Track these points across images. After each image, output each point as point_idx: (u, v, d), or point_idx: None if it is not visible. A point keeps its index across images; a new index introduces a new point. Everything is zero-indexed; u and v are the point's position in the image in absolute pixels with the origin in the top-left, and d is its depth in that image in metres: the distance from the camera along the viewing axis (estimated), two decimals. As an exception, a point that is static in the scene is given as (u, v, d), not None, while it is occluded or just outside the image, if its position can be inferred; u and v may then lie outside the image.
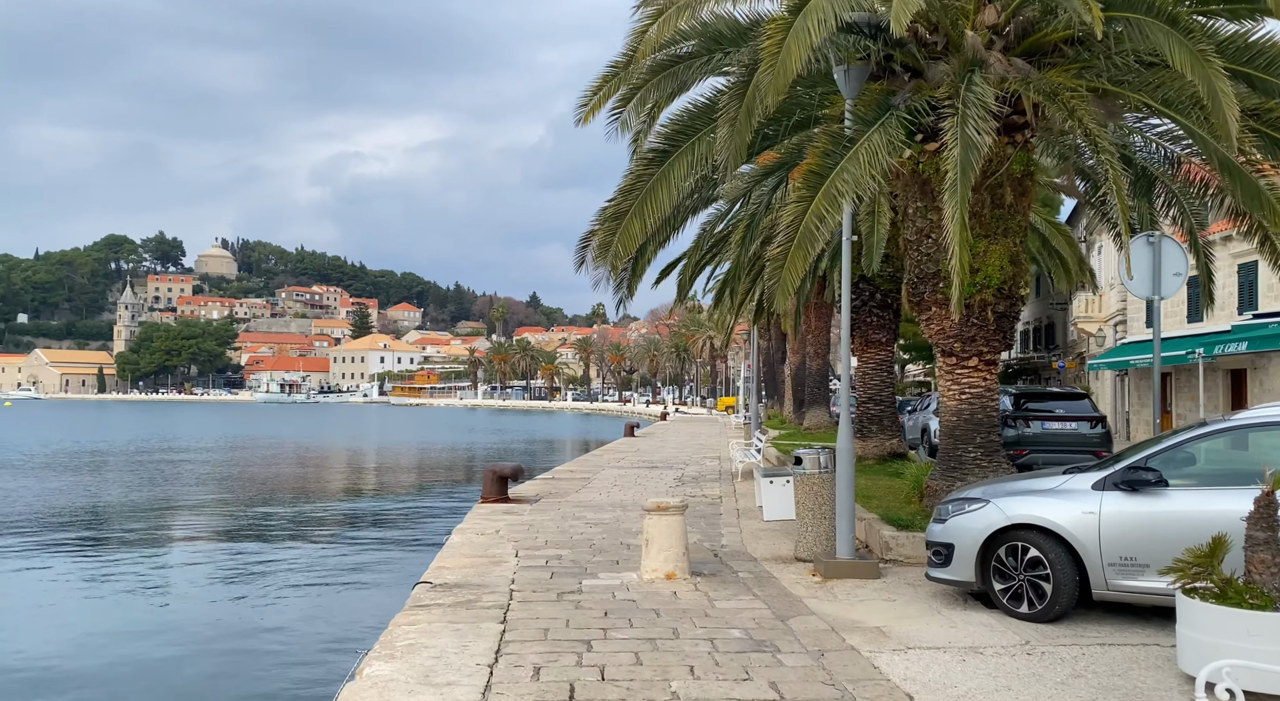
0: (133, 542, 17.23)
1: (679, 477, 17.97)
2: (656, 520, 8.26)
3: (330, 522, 19.62)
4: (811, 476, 9.02)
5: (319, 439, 54.74)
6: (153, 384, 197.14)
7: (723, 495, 14.90)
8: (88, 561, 15.08)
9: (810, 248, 7.65)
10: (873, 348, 16.50)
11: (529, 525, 11.36)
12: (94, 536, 17.91)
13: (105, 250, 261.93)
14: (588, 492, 15.14)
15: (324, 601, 12.25)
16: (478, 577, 8.25)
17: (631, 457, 23.58)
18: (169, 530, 19.04)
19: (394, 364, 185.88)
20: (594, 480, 17.29)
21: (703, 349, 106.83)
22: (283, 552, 15.78)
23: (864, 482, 13.13)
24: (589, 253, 9.60)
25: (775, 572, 8.61)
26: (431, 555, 9.80)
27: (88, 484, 26.90)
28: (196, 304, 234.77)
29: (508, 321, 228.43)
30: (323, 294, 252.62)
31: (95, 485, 26.60)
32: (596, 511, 12.72)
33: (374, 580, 13.46)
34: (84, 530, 18.51)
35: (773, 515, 11.77)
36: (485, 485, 13.72)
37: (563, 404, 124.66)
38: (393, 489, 27.03)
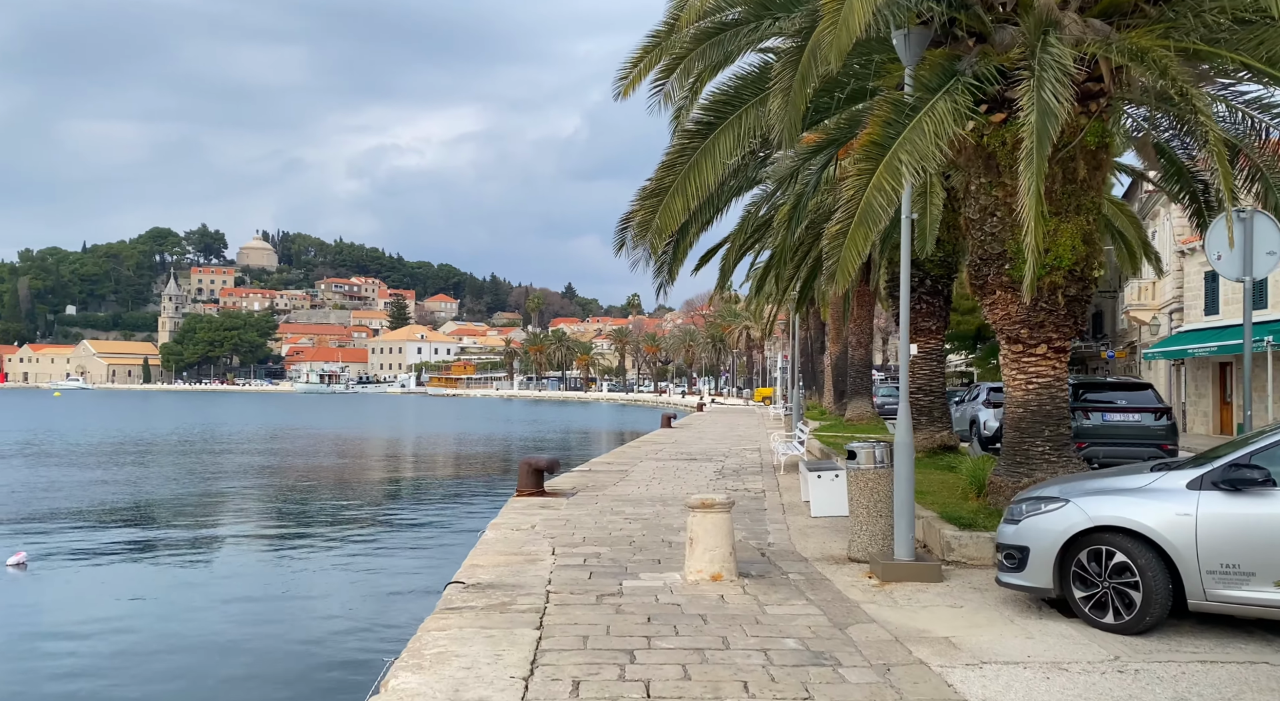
0: (170, 536, 17.13)
1: (719, 470, 17.44)
2: (701, 518, 7.75)
3: (362, 517, 19.24)
4: (866, 472, 8.45)
5: (357, 429, 54.96)
6: (196, 374, 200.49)
7: (766, 489, 14.35)
8: (124, 553, 14.95)
9: (871, 224, 7.07)
10: (922, 336, 15.81)
11: (566, 520, 10.91)
12: (132, 529, 17.83)
13: (150, 243, 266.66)
14: (626, 486, 14.67)
15: (353, 601, 11.75)
16: (512, 577, 7.81)
17: (670, 449, 23.09)
18: (204, 523, 18.92)
19: (431, 355, 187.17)
20: (632, 473, 16.82)
21: (739, 339, 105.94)
22: (313, 548, 15.49)
23: (916, 477, 12.50)
24: (629, 233, 9.08)
25: (828, 574, 8.06)
26: (465, 551, 9.39)
27: (133, 476, 27.02)
28: (238, 295, 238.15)
29: (543, 312, 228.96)
30: (361, 285, 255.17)
31: (140, 477, 26.72)
32: (635, 506, 12.24)
33: (405, 578, 12.99)
34: (121, 523, 18.45)
35: (821, 511, 11.22)
36: (520, 478, 13.31)
37: (598, 394, 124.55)
38: (427, 481, 26.72)
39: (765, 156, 10.12)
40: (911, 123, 7.03)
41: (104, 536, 16.24)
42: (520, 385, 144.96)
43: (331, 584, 12.95)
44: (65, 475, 26.02)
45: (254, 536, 17.20)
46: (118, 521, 18.23)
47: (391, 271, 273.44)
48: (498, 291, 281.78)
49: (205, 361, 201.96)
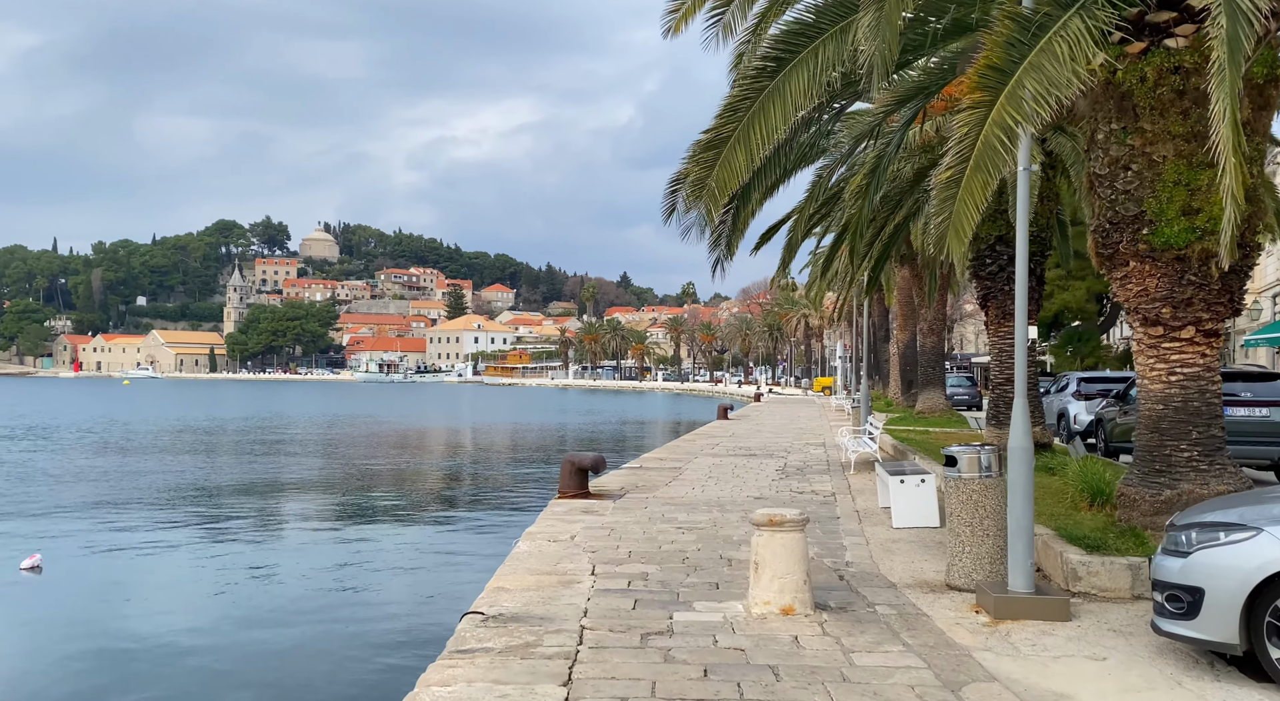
0: (201, 525, 16.31)
1: (781, 468, 15.99)
2: (769, 538, 6.37)
3: (394, 517, 17.80)
4: (969, 481, 6.96)
5: (410, 419, 54.57)
6: (260, 363, 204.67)
7: (836, 492, 12.86)
8: (161, 536, 14.12)
9: (991, 170, 5.59)
10: (1010, 321, 14.11)
11: (610, 529, 9.61)
12: (182, 513, 17.07)
13: (216, 235, 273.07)
14: (679, 486, 13.32)
15: (357, 635, 9.70)
16: (542, 606, 6.52)
17: (726, 443, 21.67)
18: (237, 514, 18.07)
19: (487, 344, 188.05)
20: (685, 471, 15.47)
21: (796, 327, 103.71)
22: (328, 557, 14.19)
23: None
24: (680, 196, 7.69)
25: (924, 606, 6.61)
26: (495, 566, 8.16)
27: (194, 463, 26.57)
28: (300, 286, 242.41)
29: (598, 301, 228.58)
30: (419, 276, 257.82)
31: (199, 463, 26.24)
32: (689, 511, 10.88)
33: (421, 600, 11.20)
34: (176, 507, 17.71)
35: (904, 521, 9.73)
36: (563, 478, 12.05)
37: (653, 384, 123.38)
38: (470, 476, 25.48)
39: (841, 109, 8.64)
40: (1040, 43, 5.53)
41: (156, 517, 15.50)
42: (575, 374, 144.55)
43: (334, 608, 10.85)
44: (120, 463, 25.66)
45: (266, 535, 16.24)
46: (168, 507, 17.51)
47: (449, 262, 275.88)
48: (553, 281, 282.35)
49: (269, 351, 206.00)
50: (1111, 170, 7.24)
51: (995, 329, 14.34)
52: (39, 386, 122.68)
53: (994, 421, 14.39)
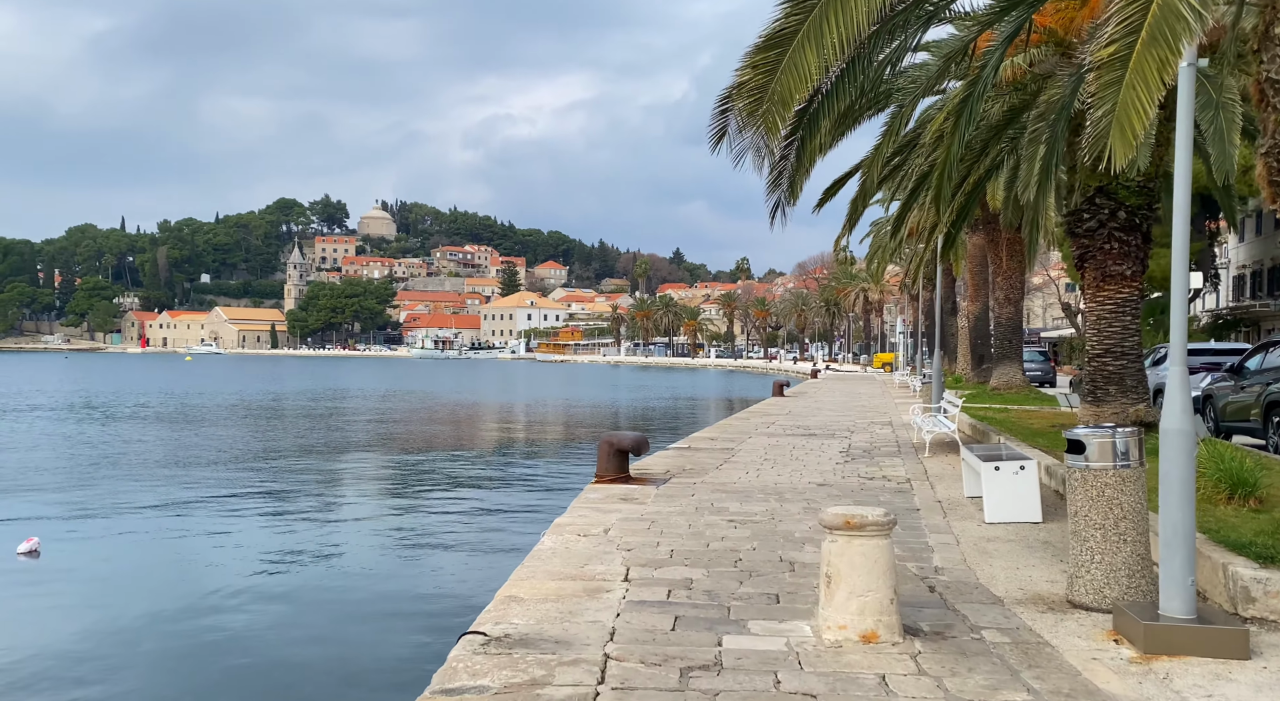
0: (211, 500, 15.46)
1: (845, 450, 14.50)
2: (845, 544, 4.98)
3: (418, 505, 15.61)
4: (1101, 472, 5.47)
5: (462, 394, 54.05)
6: (319, 340, 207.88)
7: (911, 477, 11.36)
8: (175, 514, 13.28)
9: (1170, 45, 4.07)
10: (1111, 283, 12.36)
11: (650, 521, 8.29)
12: (199, 490, 16.29)
13: (277, 213, 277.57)
14: (731, 470, 11.94)
15: (348, 646, 8.33)
16: (559, 623, 5.24)
17: (783, 422, 20.20)
18: (258, 489, 17.19)
19: (540, 321, 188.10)
20: (738, 452, 14.08)
21: (855, 302, 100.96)
22: (344, 538, 13.22)
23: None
24: (732, 116, 6.25)
25: (1044, 631, 5.17)
26: (515, 563, 6.92)
27: (232, 437, 26.04)
28: (359, 263, 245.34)
29: (651, 278, 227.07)
30: (474, 253, 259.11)
31: (239, 437, 25.69)
32: (743, 500, 9.51)
33: (428, 604, 9.56)
34: (195, 485, 16.96)
35: (999, 515, 8.23)
36: (600, 460, 10.77)
37: (706, 361, 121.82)
38: (510, 454, 24.07)
39: (933, 13, 7.07)
40: None
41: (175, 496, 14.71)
42: (627, 351, 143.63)
43: (328, 606, 9.46)
44: (161, 435, 25.23)
45: (281, 513, 15.27)
46: (197, 485, 16.75)
47: (503, 239, 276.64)
48: (606, 258, 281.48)
49: (328, 327, 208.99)
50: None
51: (1094, 293, 12.58)
52: (106, 361, 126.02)
53: (1091, 398, 12.69)
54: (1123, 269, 12.41)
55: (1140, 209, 12.30)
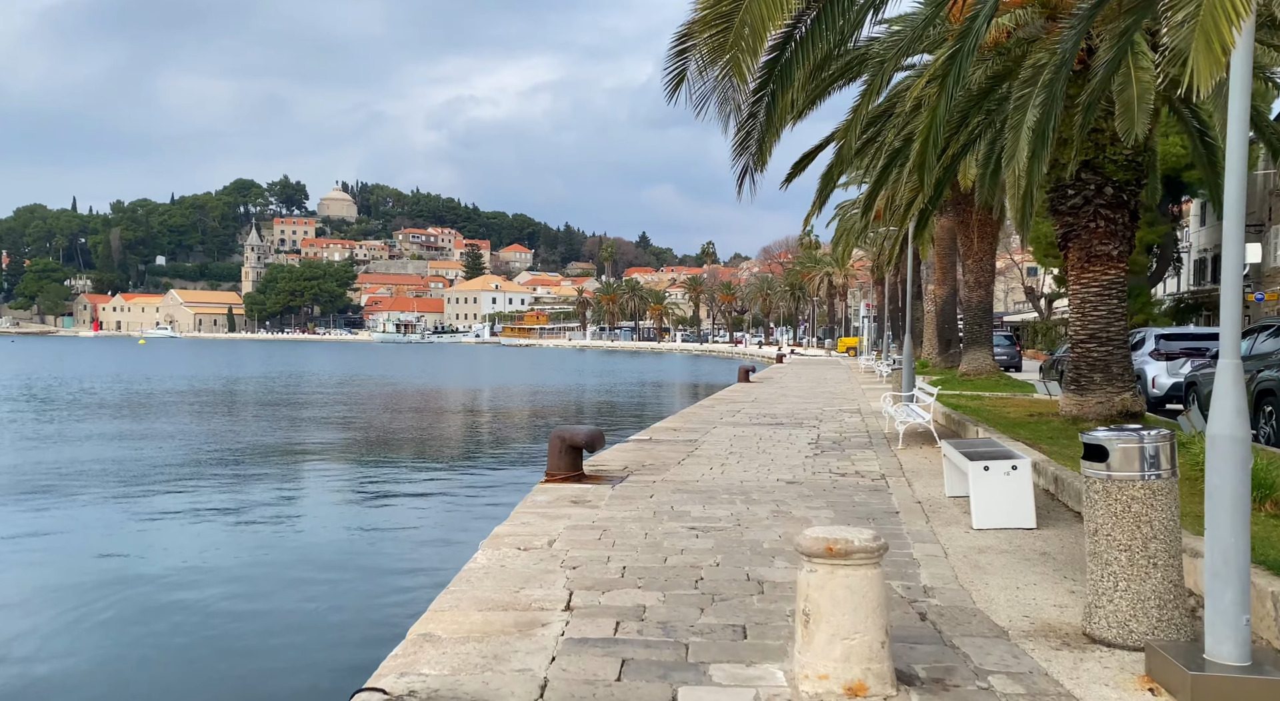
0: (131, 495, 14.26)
1: (814, 441, 13.68)
2: (827, 576, 4.10)
3: (346, 511, 13.64)
4: (1127, 483, 4.62)
5: (420, 380, 52.71)
6: (278, 323, 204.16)
7: (885, 473, 10.55)
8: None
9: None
10: (1097, 264, 11.62)
11: (602, 530, 7.36)
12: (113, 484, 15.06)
13: (234, 194, 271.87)
14: (694, 465, 11.05)
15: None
16: (479, 674, 4.29)
17: (749, 410, 19.38)
18: (170, 483, 16.01)
19: (505, 305, 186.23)
20: (703, 443, 13.20)
21: (819, 287, 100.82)
22: (241, 562, 11.88)
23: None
24: (691, 57, 5.28)
25: (1062, 676, 4.31)
26: (445, 581, 5.97)
27: (168, 425, 24.67)
28: (319, 246, 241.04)
29: (617, 262, 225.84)
30: (437, 236, 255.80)
31: (173, 426, 24.34)
32: (706, 502, 8.61)
33: (331, 637, 7.95)
34: (142, 479, 15.72)
35: (989, 521, 7.41)
36: (551, 457, 9.82)
37: (671, 345, 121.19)
38: (460, 448, 22.27)
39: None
40: None
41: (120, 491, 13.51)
42: (593, 335, 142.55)
43: (205, 643, 7.74)
44: (101, 425, 23.80)
45: (186, 512, 14.13)
46: (136, 481, 15.51)
47: (467, 222, 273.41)
48: (572, 241, 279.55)
49: (287, 311, 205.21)
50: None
51: (1078, 274, 11.84)
52: (57, 345, 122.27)
53: (1074, 386, 11.98)
54: (1109, 248, 11.68)
55: (1128, 184, 11.56)
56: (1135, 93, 8.85)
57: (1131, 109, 8.79)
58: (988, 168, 14.40)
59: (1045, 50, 9.67)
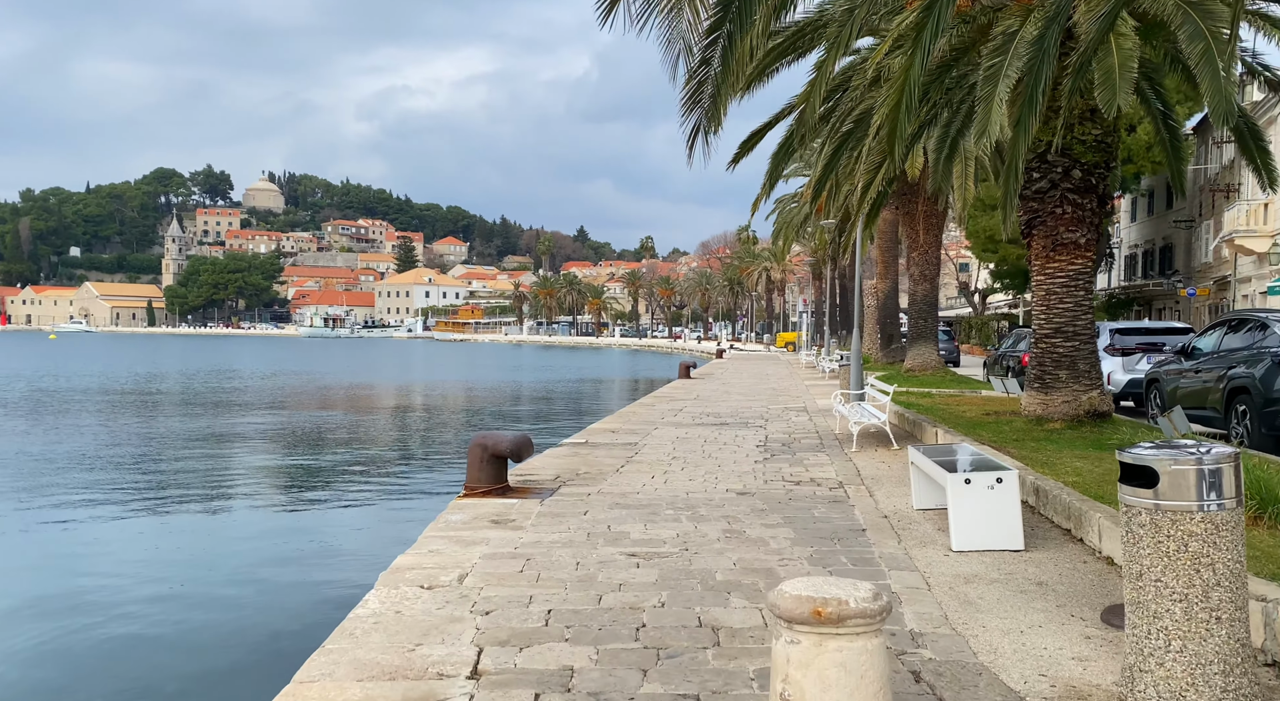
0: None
1: (762, 443, 12.73)
2: (814, 650, 3.04)
3: (226, 538, 11.55)
4: (1181, 516, 3.65)
5: (343, 376, 50.63)
6: (201, 317, 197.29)
7: (843, 480, 9.61)
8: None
9: None
10: (1064, 253, 10.88)
11: (525, 558, 6.23)
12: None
13: (154, 183, 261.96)
14: (634, 473, 9.96)
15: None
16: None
17: (692, 408, 18.39)
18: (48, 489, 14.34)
19: (439, 298, 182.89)
20: (643, 447, 12.13)
21: (757, 282, 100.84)
22: (98, 607, 10.12)
23: (1081, 472, 7.75)
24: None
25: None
26: (324, 636, 4.76)
27: (44, 428, 22.62)
28: (244, 237, 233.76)
29: (555, 256, 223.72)
30: (368, 227, 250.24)
31: (57, 424, 22.31)
32: (648, 520, 7.52)
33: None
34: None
35: (970, 542, 6.48)
36: (470, 469, 8.63)
37: (610, 340, 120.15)
38: (374, 454, 19.59)
39: None
40: None
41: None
42: (530, 330, 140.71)
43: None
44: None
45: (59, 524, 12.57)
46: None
47: (399, 213, 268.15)
48: (508, 234, 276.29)
49: (210, 304, 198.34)
50: None
51: (1042, 264, 11.09)
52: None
53: (1038, 384, 11.22)
54: (1076, 236, 10.94)
55: (1097, 168, 10.82)
56: (1116, 61, 8.05)
57: (1113, 78, 7.98)
58: (941, 152, 13.60)
59: (1017, 15, 8.81)
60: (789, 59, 11.64)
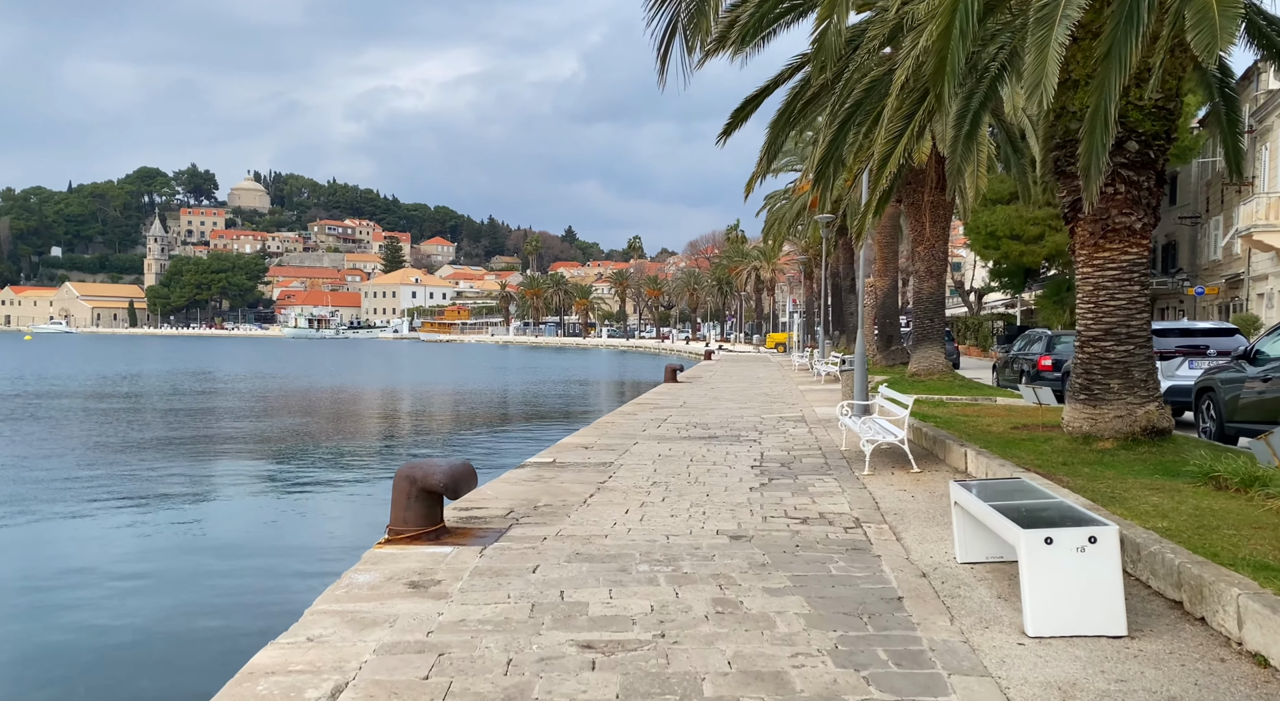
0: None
1: (758, 463, 10.97)
2: None
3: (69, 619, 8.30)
4: None
5: (325, 378, 48.68)
6: (184, 318, 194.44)
7: (859, 515, 7.85)
8: None
9: None
10: (1116, 241, 9.18)
11: (437, 654, 4.44)
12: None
13: (138, 183, 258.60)
14: (604, 506, 8.19)
15: None
16: None
17: (677, 417, 16.64)
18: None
19: (425, 299, 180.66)
20: (618, 470, 10.36)
21: (746, 281, 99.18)
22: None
23: (1166, 507, 6.02)
24: None
25: None
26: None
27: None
28: (229, 237, 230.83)
29: (542, 256, 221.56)
30: (355, 227, 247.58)
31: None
32: (615, 583, 5.74)
33: None
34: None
35: (1052, 625, 4.74)
36: (395, 506, 6.86)
37: (597, 340, 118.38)
38: (303, 479, 16.30)
39: None
40: None
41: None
42: (516, 330, 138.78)
43: None
44: None
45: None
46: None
47: (386, 213, 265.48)
48: (496, 234, 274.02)
49: (193, 305, 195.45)
50: None
51: (1090, 253, 9.38)
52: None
53: (1085, 396, 9.50)
54: (1130, 220, 9.23)
55: (1156, 139, 9.10)
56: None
57: (1211, 16, 6.26)
58: (961, 129, 11.89)
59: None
60: (788, 18, 9.90)
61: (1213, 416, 11.17)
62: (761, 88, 9.94)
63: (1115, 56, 6.57)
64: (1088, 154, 7.29)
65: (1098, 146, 7.14)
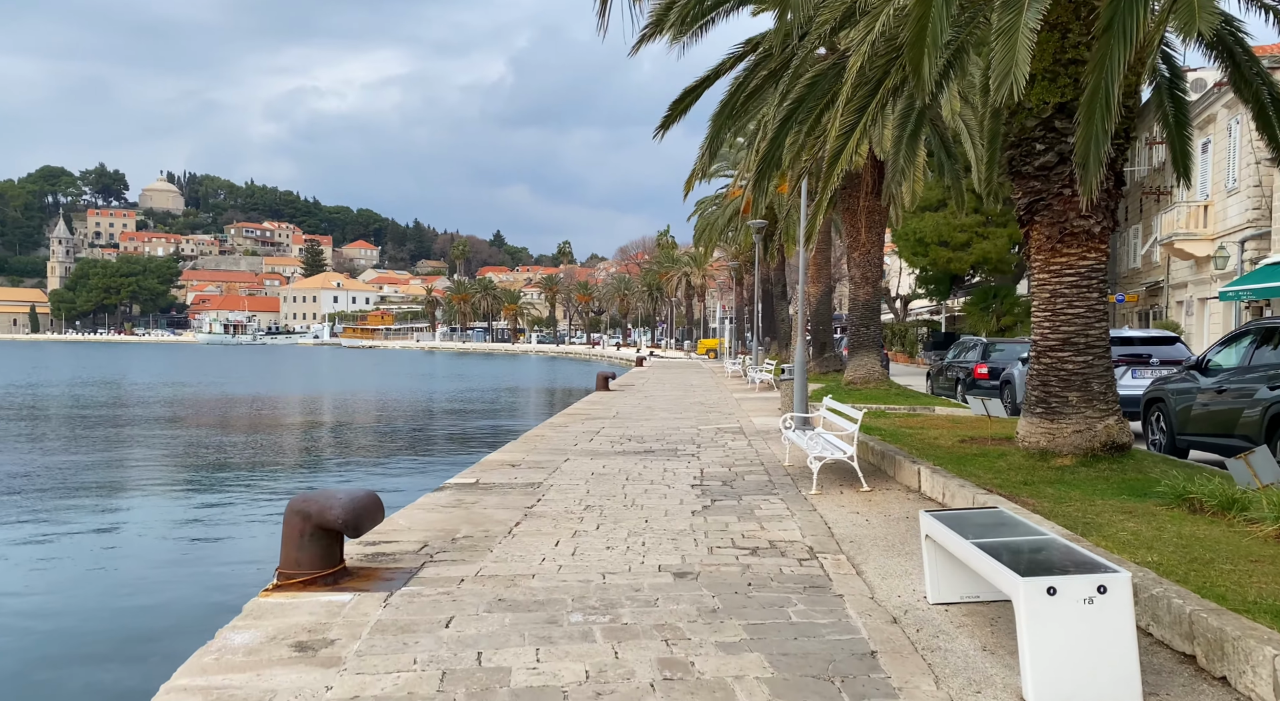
0: None
1: (699, 480, 10.23)
2: None
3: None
4: None
5: (229, 386, 46.39)
6: (91, 323, 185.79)
7: (813, 544, 7.15)
8: None
9: None
10: (1074, 246, 8.73)
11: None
12: None
13: (40, 182, 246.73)
14: (531, 537, 7.31)
15: None
16: None
17: (611, 429, 15.83)
18: None
19: (348, 304, 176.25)
20: (549, 491, 9.48)
21: (677, 287, 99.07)
22: None
23: (1147, 536, 5.46)
24: None
25: None
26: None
27: None
28: (140, 240, 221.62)
29: (470, 260, 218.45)
30: (274, 230, 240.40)
31: None
32: (543, 639, 4.88)
33: None
34: None
35: (1056, 692, 4.05)
36: (286, 546, 5.91)
37: (527, 346, 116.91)
38: (186, 515, 13.75)
39: None
40: None
41: None
42: (443, 336, 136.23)
43: None
44: None
45: None
46: None
47: (307, 216, 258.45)
48: (422, 238, 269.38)
49: (101, 310, 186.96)
50: None
51: (1047, 258, 8.90)
52: None
53: (1041, 409, 9.01)
54: (1089, 224, 8.79)
55: (1117, 137, 8.65)
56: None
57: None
58: (905, 129, 11.41)
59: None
60: (730, 4, 9.21)
61: (1163, 428, 10.86)
62: (702, 78, 9.28)
63: (1118, 28, 6.03)
64: (1085, 141, 6.72)
65: (1097, 133, 6.58)
